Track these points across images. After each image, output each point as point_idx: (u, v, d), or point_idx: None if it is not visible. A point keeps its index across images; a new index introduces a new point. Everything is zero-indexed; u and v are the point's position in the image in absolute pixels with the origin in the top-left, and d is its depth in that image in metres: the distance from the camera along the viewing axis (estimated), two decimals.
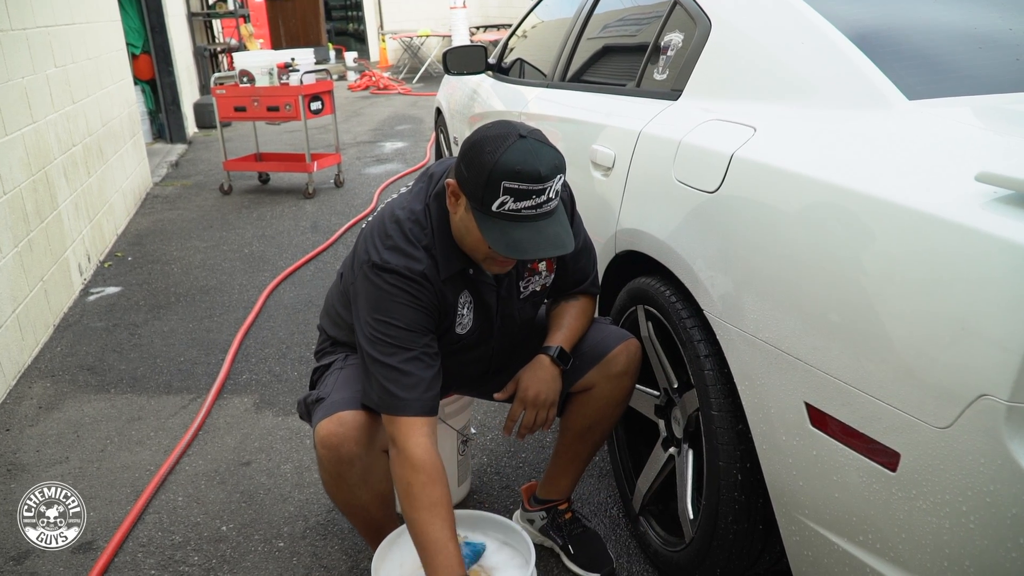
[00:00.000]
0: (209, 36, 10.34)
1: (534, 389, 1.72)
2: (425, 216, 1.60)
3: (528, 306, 1.80)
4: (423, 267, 1.55)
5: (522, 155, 1.41)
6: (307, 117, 5.72)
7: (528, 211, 1.45)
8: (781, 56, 1.70)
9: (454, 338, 1.69)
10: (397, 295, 1.54)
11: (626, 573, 1.97)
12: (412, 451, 1.50)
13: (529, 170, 1.41)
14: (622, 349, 1.80)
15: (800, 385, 1.36)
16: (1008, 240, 1.03)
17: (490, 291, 1.70)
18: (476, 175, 1.44)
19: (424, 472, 1.49)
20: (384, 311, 1.54)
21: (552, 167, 1.44)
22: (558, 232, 1.49)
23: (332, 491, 1.68)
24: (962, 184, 1.13)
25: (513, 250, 1.46)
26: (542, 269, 1.77)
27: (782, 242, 1.41)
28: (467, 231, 1.53)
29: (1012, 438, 1.03)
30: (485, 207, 1.45)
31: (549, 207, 1.47)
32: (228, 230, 5.20)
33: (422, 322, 1.56)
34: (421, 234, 1.58)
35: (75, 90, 4.46)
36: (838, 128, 1.46)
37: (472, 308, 1.69)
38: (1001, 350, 1.02)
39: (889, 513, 1.22)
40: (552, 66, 2.86)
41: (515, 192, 1.42)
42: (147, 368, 3.23)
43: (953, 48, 1.62)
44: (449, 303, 1.63)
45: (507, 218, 1.45)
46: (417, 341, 1.55)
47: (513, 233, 1.45)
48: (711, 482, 1.64)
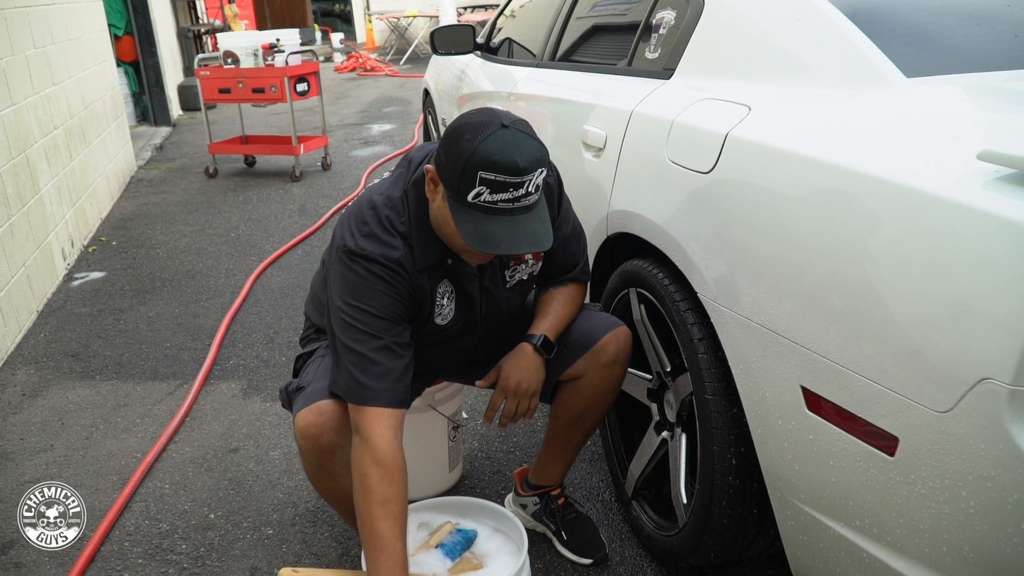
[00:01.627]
0: (192, 17, 10.20)
1: (515, 378, 1.69)
2: (403, 203, 1.55)
3: (515, 295, 1.76)
4: (399, 255, 1.52)
5: (502, 145, 1.36)
6: (293, 99, 5.65)
7: (504, 204, 1.39)
8: (776, 34, 1.67)
9: (435, 329, 1.66)
10: (372, 282, 1.50)
11: (619, 558, 1.95)
12: (376, 443, 1.46)
13: (507, 161, 1.36)
14: (611, 337, 1.77)
15: (796, 368, 1.34)
16: (1011, 220, 1.01)
17: (472, 281, 1.66)
18: (453, 163, 1.39)
19: (384, 466, 1.45)
20: (357, 297, 1.50)
21: (533, 160, 1.38)
22: (535, 228, 1.44)
23: (315, 481, 1.65)
24: (963, 163, 1.11)
25: (486, 244, 1.41)
26: (528, 258, 1.72)
27: (778, 223, 1.38)
28: (444, 221, 1.48)
29: (1014, 422, 1.01)
30: (461, 197, 1.40)
31: (527, 201, 1.42)
32: (214, 214, 5.14)
33: (396, 311, 1.52)
34: (398, 221, 1.54)
35: (56, 71, 4.38)
36: (835, 107, 1.43)
37: (454, 299, 1.65)
38: (1004, 333, 1.00)
39: (887, 498, 1.20)
40: (541, 45, 2.82)
41: (491, 183, 1.37)
42: (133, 354, 3.19)
43: (951, 25, 1.59)
44: (426, 293, 1.59)
45: (482, 210, 1.40)
46: (389, 330, 1.51)
47: (487, 226, 1.40)
48: (705, 466, 1.63)
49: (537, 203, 1.45)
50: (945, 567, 1.15)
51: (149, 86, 8.02)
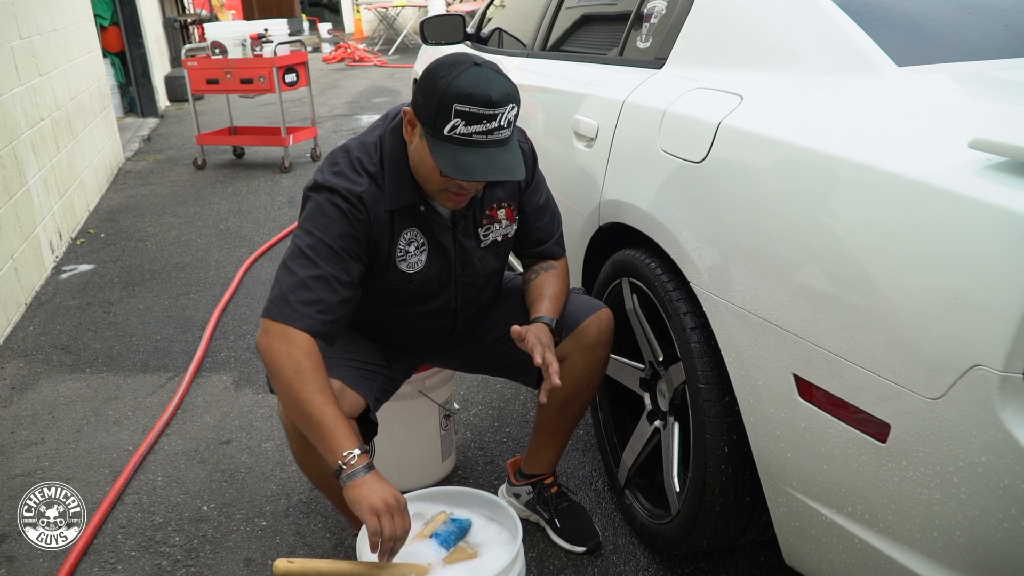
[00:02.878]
0: (179, 7, 10.12)
1: (546, 337, 1.67)
2: (376, 147, 1.62)
3: (490, 256, 1.78)
4: (361, 191, 1.56)
5: (475, 80, 1.43)
6: (282, 89, 5.62)
7: (479, 136, 1.46)
8: (768, 23, 1.67)
9: (401, 277, 1.67)
10: (329, 213, 1.55)
11: (612, 546, 1.96)
12: (295, 339, 1.48)
13: (480, 94, 1.43)
14: (594, 320, 1.79)
15: (788, 356, 1.34)
16: (1003, 208, 1.01)
17: (445, 232, 1.69)
18: (429, 99, 1.46)
19: (312, 359, 1.48)
20: (313, 225, 1.55)
21: (504, 94, 1.45)
22: (508, 160, 1.50)
23: (301, 463, 1.66)
24: (955, 152, 1.11)
25: (462, 172, 1.47)
26: (502, 217, 1.75)
27: (771, 212, 1.38)
28: (421, 160, 1.54)
29: (1004, 408, 1.02)
30: (437, 131, 1.46)
31: (501, 135, 1.48)
32: (203, 205, 5.12)
33: (347, 245, 1.55)
34: (368, 163, 1.60)
35: (41, 62, 4.34)
36: (827, 96, 1.43)
37: (426, 250, 1.68)
38: (995, 320, 1.01)
39: (878, 484, 1.21)
40: (532, 35, 2.82)
41: (466, 115, 1.44)
42: (123, 347, 3.17)
43: (942, 14, 1.60)
44: (385, 234, 1.61)
45: (458, 142, 1.46)
46: (333, 262, 1.54)
47: (463, 157, 1.46)
48: (698, 455, 1.64)
49: (509, 139, 1.51)
50: (936, 552, 1.16)
51: (136, 77, 7.96)
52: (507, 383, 2.70)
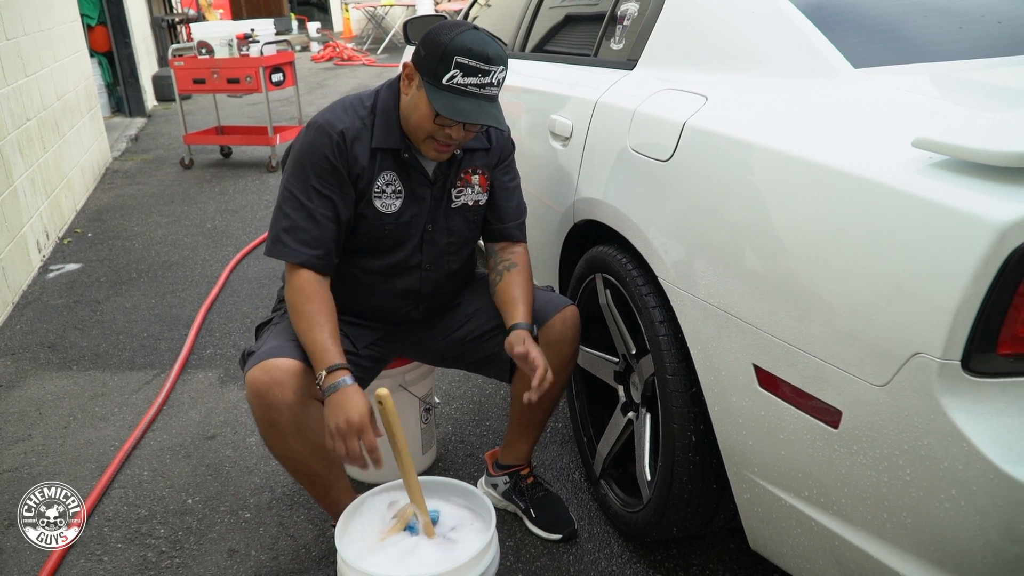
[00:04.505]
0: (166, 6, 10.12)
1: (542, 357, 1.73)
2: (370, 96, 1.78)
3: (458, 219, 1.87)
4: (344, 127, 1.71)
5: (475, 38, 1.61)
6: (268, 89, 5.65)
7: (473, 88, 1.62)
8: (733, 26, 1.72)
9: (374, 213, 1.76)
10: (314, 147, 1.70)
11: (587, 534, 2.02)
12: (294, 282, 1.70)
13: (479, 50, 1.60)
14: (559, 317, 1.84)
15: (748, 347, 1.40)
16: (941, 204, 1.07)
17: (422, 183, 1.80)
18: (432, 52, 1.63)
19: (303, 294, 1.68)
20: (301, 159, 1.71)
21: (498, 55, 1.63)
22: (496, 113, 1.68)
23: (268, 442, 1.71)
24: (900, 150, 1.17)
25: (457, 114, 1.61)
26: (475, 183, 1.86)
27: (731, 208, 1.44)
28: (415, 108, 1.68)
29: (943, 394, 1.08)
30: (437, 80, 1.62)
31: (491, 92, 1.65)
32: (190, 205, 5.15)
33: (330, 179, 1.70)
34: (360, 108, 1.75)
35: (28, 63, 4.36)
36: (786, 96, 1.49)
37: (402, 197, 1.78)
38: (934, 310, 1.07)
39: (832, 469, 1.27)
40: (512, 35, 2.86)
41: (465, 68, 1.60)
42: (109, 344, 3.21)
43: (899, 17, 1.65)
44: (363, 169, 1.73)
45: (454, 91, 1.62)
46: (319, 201, 1.69)
47: (458, 103, 1.62)
48: (666, 444, 1.69)
49: (496, 97, 1.68)
50: (886, 533, 1.21)
51: (123, 77, 7.97)
52: (488, 378, 2.75)
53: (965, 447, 1.06)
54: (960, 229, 1.04)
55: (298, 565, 1.96)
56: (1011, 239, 1.00)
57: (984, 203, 1.03)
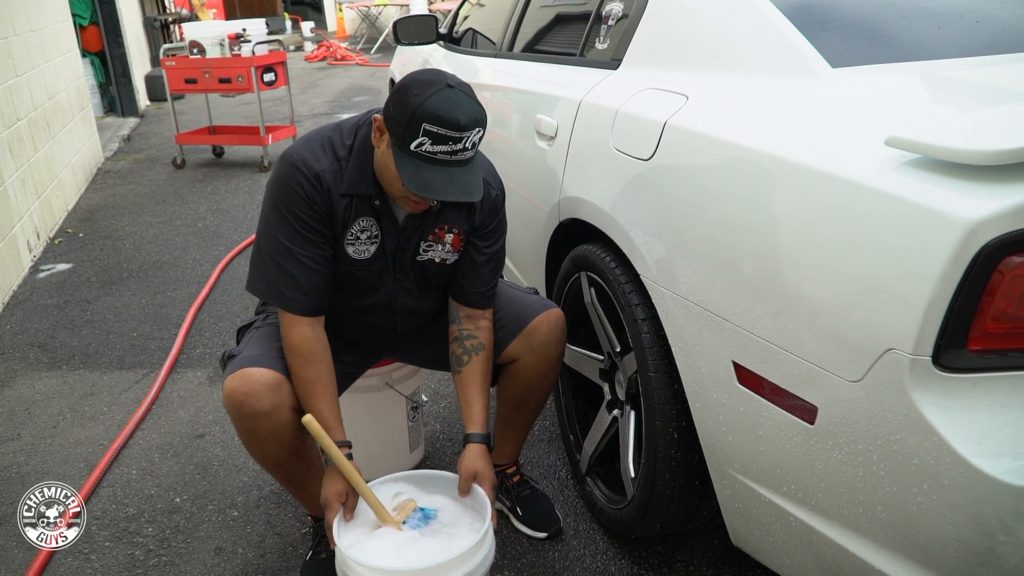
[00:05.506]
0: (159, 6, 10.11)
1: (489, 478, 1.72)
2: (351, 133, 1.69)
3: (421, 272, 1.79)
4: (320, 169, 1.64)
5: (446, 102, 1.48)
6: (260, 89, 5.66)
7: (443, 156, 1.51)
8: (714, 26, 1.74)
9: (346, 259, 1.72)
10: (291, 189, 1.63)
11: (573, 532, 2.03)
12: (291, 340, 1.65)
13: (449, 117, 1.48)
14: (542, 319, 1.84)
15: (728, 344, 1.41)
16: (911, 201, 1.08)
17: (392, 232, 1.73)
18: (400, 114, 1.51)
19: (301, 355, 1.64)
20: (279, 202, 1.65)
21: (472, 119, 1.50)
22: (468, 181, 1.55)
23: (247, 446, 1.71)
24: (874, 149, 1.18)
25: (423, 189, 1.52)
26: (448, 241, 1.77)
27: (710, 207, 1.45)
28: (386, 167, 1.60)
29: (915, 389, 1.09)
30: (405, 145, 1.51)
31: (464, 156, 1.53)
32: (181, 204, 5.15)
33: (312, 223, 1.64)
34: (339, 146, 1.67)
35: (18, 63, 4.36)
36: (764, 96, 1.50)
37: (377, 243, 1.73)
38: (905, 306, 1.08)
39: (809, 464, 1.28)
40: (500, 35, 2.87)
41: (433, 136, 1.48)
42: (99, 344, 3.21)
43: (878, 17, 1.67)
44: (339, 215, 1.67)
45: (422, 159, 1.51)
46: (305, 246, 1.64)
47: (425, 173, 1.52)
48: (649, 441, 1.70)
49: (472, 160, 1.57)
50: (862, 527, 1.23)
51: (116, 76, 7.96)
52: None
53: (936, 442, 1.08)
54: (930, 226, 1.06)
55: (285, 563, 1.97)
56: (980, 236, 1.02)
57: (954, 201, 1.05)
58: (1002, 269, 1.03)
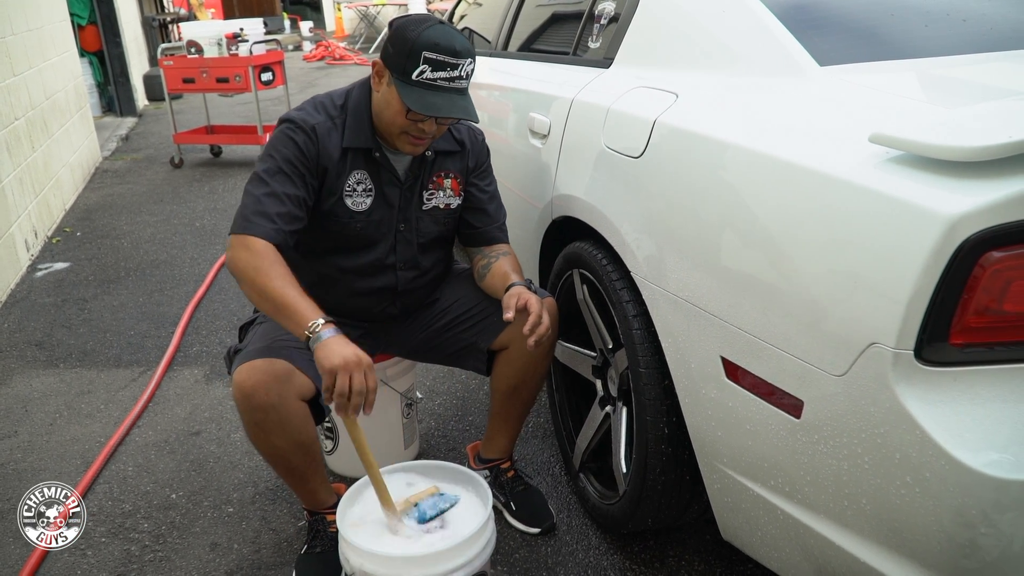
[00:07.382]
0: (158, 6, 10.12)
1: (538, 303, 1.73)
2: (342, 95, 1.80)
3: (428, 220, 1.89)
4: (314, 122, 1.73)
5: (441, 33, 1.63)
6: (258, 88, 5.67)
7: (443, 81, 1.64)
8: (704, 25, 1.75)
9: (345, 211, 1.79)
10: (284, 138, 1.72)
11: (566, 527, 2.04)
12: (252, 244, 1.61)
13: (447, 44, 1.62)
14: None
15: (716, 340, 1.42)
16: (893, 197, 1.10)
17: (392, 183, 1.82)
18: (400, 48, 1.64)
19: (267, 257, 1.60)
20: (269, 149, 1.73)
21: (465, 48, 1.65)
22: (467, 105, 1.69)
23: (252, 438, 1.73)
24: (859, 146, 1.19)
25: (427, 108, 1.63)
26: (447, 186, 1.89)
27: (698, 204, 1.47)
28: (387, 104, 1.70)
29: (898, 383, 1.10)
30: (407, 76, 1.63)
31: (460, 84, 1.66)
32: (179, 204, 5.16)
33: (295, 164, 1.70)
34: (331, 106, 1.78)
35: (16, 62, 4.37)
36: (753, 94, 1.51)
37: (372, 195, 1.81)
38: (888, 301, 1.09)
39: (795, 458, 1.30)
40: (495, 34, 2.89)
41: (433, 63, 1.62)
42: (97, 342, 3.23)
43: (866, 15, 1.68)
44: (335, 165, 1.75)
45: (424, 86, 1.64)
46: (282, 180, 1.68)
47: (429, 98, 1.64)
48: (640, 436, 1.72)
49: (466, 90, 1.69)
50: (847, 520, 1.24)
51: (114, 76, 7.97)
52: (472, 374, 2.77)
53: (919, 435, 1.09)
54: (912, 222, 1.07)
55: (280, 558, 1.98)
56: (961, 231, 1.03)
57: (935, 196, 1.06)
58: (983, 263, 1.05)
